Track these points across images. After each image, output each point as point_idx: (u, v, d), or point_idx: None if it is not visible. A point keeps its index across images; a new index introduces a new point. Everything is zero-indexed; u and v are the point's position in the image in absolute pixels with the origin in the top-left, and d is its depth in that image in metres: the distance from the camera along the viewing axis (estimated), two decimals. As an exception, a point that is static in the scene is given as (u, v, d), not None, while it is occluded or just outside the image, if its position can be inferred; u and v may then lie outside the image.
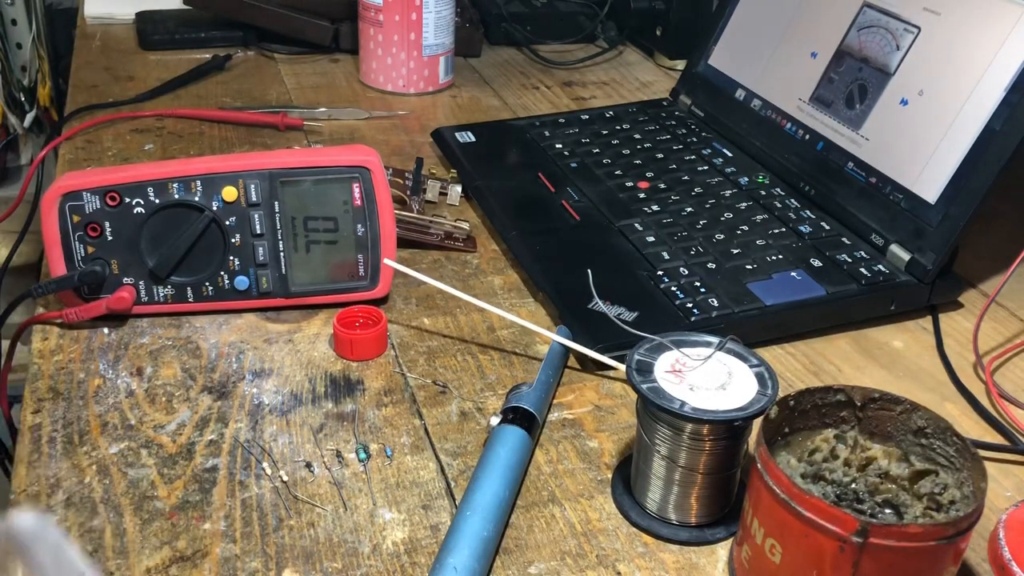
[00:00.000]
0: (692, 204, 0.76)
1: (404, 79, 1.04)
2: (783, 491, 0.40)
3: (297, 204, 0.62)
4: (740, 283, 0.65)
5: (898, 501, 0.45)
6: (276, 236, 0.62)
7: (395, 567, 0.46)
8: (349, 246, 0.63)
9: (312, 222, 0.62)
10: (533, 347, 0.63)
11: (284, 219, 0.62)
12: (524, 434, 0.51)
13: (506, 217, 0.75)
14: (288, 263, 0.63)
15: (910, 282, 0.66)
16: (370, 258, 0.64)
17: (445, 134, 0.89)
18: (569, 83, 1.12)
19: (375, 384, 0.59)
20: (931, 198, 0.67)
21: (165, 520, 0.48)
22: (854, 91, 0.76)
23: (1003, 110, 0.64)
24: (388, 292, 0.65)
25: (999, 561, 0.39)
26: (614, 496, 0.51)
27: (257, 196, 0.61)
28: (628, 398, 0.59)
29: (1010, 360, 0.65)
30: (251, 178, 0.61)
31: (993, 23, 0.66)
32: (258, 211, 0.61)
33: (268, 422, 0.55)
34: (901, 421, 0.46)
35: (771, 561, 0.42)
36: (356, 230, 0.63)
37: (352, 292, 0.64)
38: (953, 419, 0.56)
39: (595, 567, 0.47)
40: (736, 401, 0.46)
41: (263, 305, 0.64)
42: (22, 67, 1.65)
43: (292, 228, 0.62)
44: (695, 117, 0.92)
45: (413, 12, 1.00)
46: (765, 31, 0.87)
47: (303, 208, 0.62)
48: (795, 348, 0.64)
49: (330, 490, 0.50)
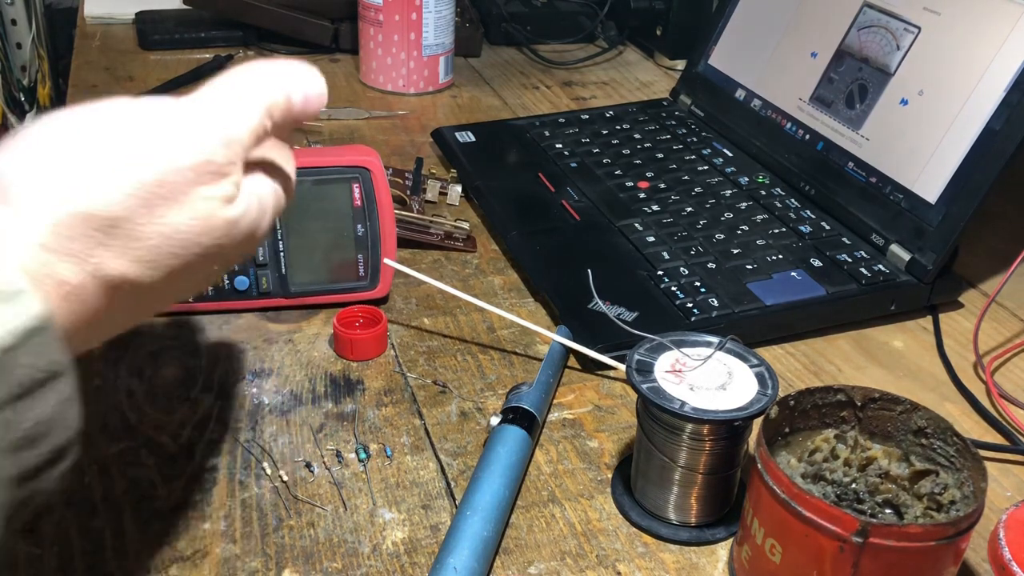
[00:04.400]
0: (692, 204, 0.76)
1: (404, 79, 1.04)
2: (783, 491, 0.40)
3: (297, 204, 0.62)
4: (740, 283, 0.65)
5: (898, 501, 0.45)
6: (276, 236, 0.62)
7: (395, 567, 0.46)
8: (349, 246, 0.63)
9: (312, 222, 0.62)
10: (533, 347, 0.63)
11: (284, 219, 0.62)
12: (524, 434, 0.51)
13: (506, 217, 0.75)
14: (288, 263, 0.63)
15: (910, 282, 0.66)
16: (370, 258, 0.64)
17: (445, 134, 0.89)
18: (569, 83, 1.12)
19: (375, 384, 0.59)
20: (931, 198, 0.67)
21: (165, 520, 0.48)
22: (854, 91, 0.76)
23: (1003, 110, 0.64)
24: (388, 292, 0.65)
25: (999, 561, 0.39)
26: (614, 496, 0.51)
27: None
28: (628, 398, 0.59)
29: (1010, 360, 0.65)
30: None
31: (993, 23, 0.66)
32: None
33: (268, 422, 0.55)
34: (901, 421, 0.46)
35: (771, 561, 0.42)
36: (356, 230, 0.63)
37: (352, 292, 0.64)
38: (953, 419, 0.56)
39: (595, 567, 0.47)
40: (736, 401, 0.46)
41: (263, 305, 0.64)
42: (22, 67, 1.65)
43: (292, 228, 0.62)
44: (695, 117, 0.92)
45: (413, 12, 1.00)
46: (765, 31, 0.87)
47: (303, 208, 0.62)
48: (795, 348, 0.64)
49: (330, 490, 0.50)
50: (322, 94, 0.41)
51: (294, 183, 0.44)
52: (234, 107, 0.38)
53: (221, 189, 0.36)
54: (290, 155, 0.44)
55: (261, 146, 0.40)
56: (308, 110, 0.41)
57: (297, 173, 0.61)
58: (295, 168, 0.44)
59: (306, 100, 0.41)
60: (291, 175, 0.44)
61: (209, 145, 0.36)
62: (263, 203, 0.40)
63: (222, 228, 0.37)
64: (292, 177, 0.44)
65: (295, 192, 0.60)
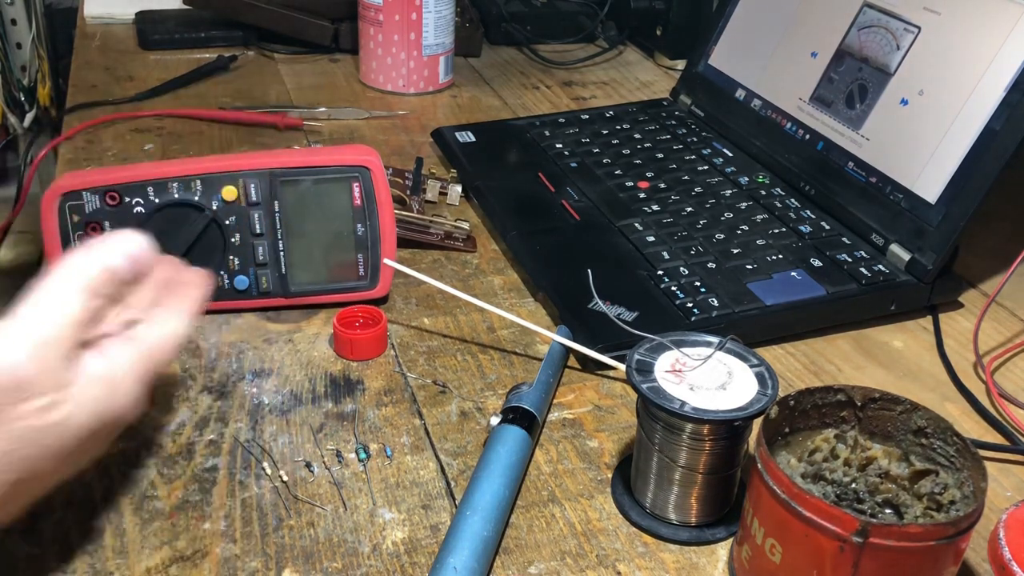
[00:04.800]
0: (692, 204, 0.76)
1: (404, 79, 1.04)
2: (783, 491, 0.40)
3: (297, 204, 0.62)
4: (740, 283, 0.65)
5: (898, 501, 0.45)
6: (276, 235, 0.62)
7: (395, 567, 0.46)
8: (349, 246, 0.63)
9: (312, 222, 0.62)
10: (533, 347, 0.63)
11: (284, 219, 0.62)
12: (524, 434, 0.51)
13: (506, 217, 0.75)
14: (288, 263, 0.63)
15: (910, 282, 0.66)
16: (370, 258, 0.64)
17: (445, 134, 0.89)
18: (569, 83, 1.12)
19: (375, 384, 0.59)
20: (931, 198, 0.67)
21: (165, 520, 0.48)
22: (854, 91, 0.76)
23: (1003, 110, 0.64)
24: (388, 292, 0.65)
25: (999, 561, 0.39)
26: (614, 496, 0.51)
27: (257, 195, 0.61)
28: (628, 398, 0.59)
29: (1010, 360, 0.65)
30: (251, 177, 0.61)
31: (993, 23, 0.66)
32: (258, 210, 0.61)
33: (268, 422, 0.55)
34: (901, 421, 0.46)
35: (771, 561, 0.42)
36: (356, 230, 0.63)
37: (352, 292, 0.64)
38: (953, 419, 0.56)
39: (595, 567, 0.47)
40: (736, 401, 0.46)
41: (263, 305, 0.64)
42: (22, 67, 1.65)
43: (292, 228, 0.62)
44: (695, 117, 0.92)
45: (413, 12, 1.00)
46: (765, 31, 0.87)
47: (303, 208, 0.62)
48: (795, 348, 0.64)
49: (330, 490, 0.50)
50: (143, 246, 0.44)
51: (184, 316, 0.46)
52: (45, 309, 0.39)
53: (35, 402, 0.37)
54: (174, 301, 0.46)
55: (104, 320, 0.42)
56: (139, 266, 0.43)
57: (297, 172, 0.61)
58: (188, 302, 0.47)
59: (131, 259, 0.43)
60: (174, 314, 0.46)
61: (13, 358, 0.37)
62: (113, 375, 0.41)
63: (52, 433, 0.38)
64: (176, 318, 0.46)
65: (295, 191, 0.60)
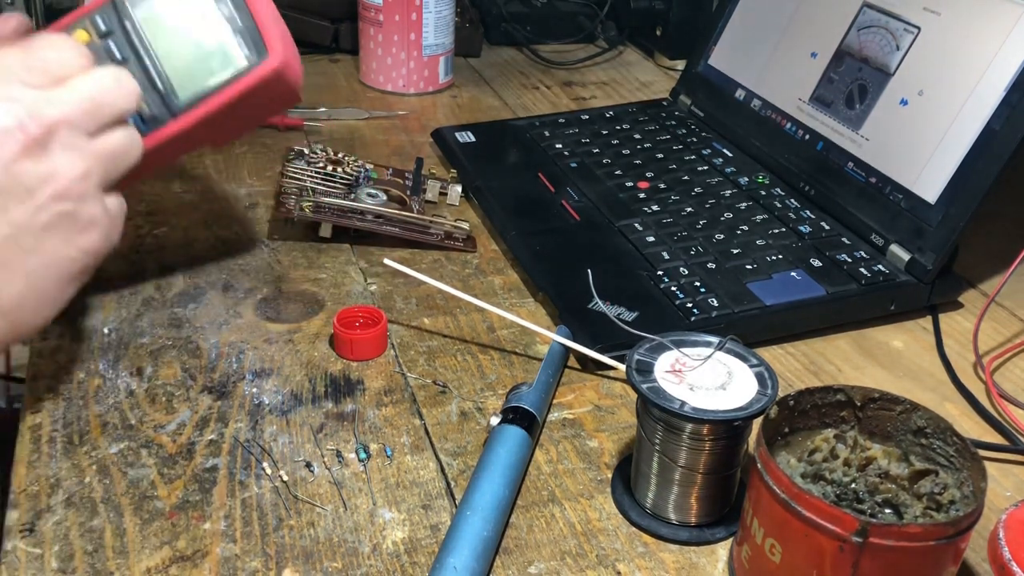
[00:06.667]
0: (692, 204, 0.76)
1: (404, 79, 1.04)
2: (783, 491, 0.40)
3: (148, 14, 0.56)
4: (740, 283, 0.65)
5: (898, 501, 0.45)
6: (140, 56, 0.56)
7: (395, 567, 0.46)
8: (220, 30, 0.57)
9: (171, 26, 0.56)
10: (533, 347, 0.63)
11: (141, 35, 0.56)
12: (524, 434, 0.51)
13: (506, 217, 0.75)
14: (162, 78, 0.56)
15: (910, 282, 0.66)
16: (243, 30, 0.57)
17: (445, 134, 0.89)
18: (569, 83, 1.12)
19: (375, 384, 0.59)
20: (931, 198, 0.67)
21: (165, 520, 0.48)
22: (854, 91, 0.76)
23: (1003, 110, 0.64)
24: (288, 58, 0.57)
25: (999, 561, 0.39)
26: (614, 496, 0.51)
27: (106, 25, 0.56)
28: (628, 398, 0.59)
29: (1010, 360, 0.65)
30: (96, 14, 0.56)
31: (993, 23, 0.66)
32: (112, 39, 0.56)
33: (268, 422, 0.55)
34: (901, 421, 0.46)
35: (771, 561, 0.42)
36: (220, 10, 0.57)
37: (245, 77, 0.56)
38: (953, 419, 0.56)
39: (595, 567, 0.47)
40: (736, 401, 0.46)
41: (162, 137, 0.56)
42: (22, 67, 1.64)
43: (154, 41, 0.56)
44: (695, 117, 0.92)
45: (413, 12, 1.00)
46: (765, 31, 0.87)
47: (155, 16, 0.56)
48: (795, 348, 0.64)
49: (330, 490, 0.50)
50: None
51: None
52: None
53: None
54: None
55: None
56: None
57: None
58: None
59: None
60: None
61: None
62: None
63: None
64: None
65: (143, 4, 0.56)
